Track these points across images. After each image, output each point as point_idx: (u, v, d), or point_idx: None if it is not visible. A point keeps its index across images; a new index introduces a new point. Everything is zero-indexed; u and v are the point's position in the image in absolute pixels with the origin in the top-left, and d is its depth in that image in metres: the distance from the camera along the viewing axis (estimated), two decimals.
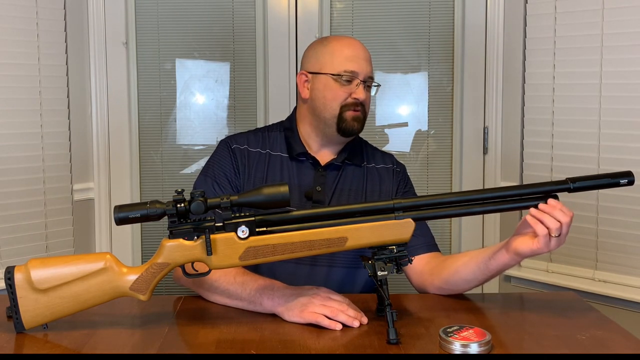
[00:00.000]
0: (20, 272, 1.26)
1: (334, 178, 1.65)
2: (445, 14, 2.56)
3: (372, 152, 1.76)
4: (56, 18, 2.37)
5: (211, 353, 1.19)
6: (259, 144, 1.67)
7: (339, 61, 1.60)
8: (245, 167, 1.63)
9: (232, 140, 1.67)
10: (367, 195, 1.67)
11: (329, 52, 1.63)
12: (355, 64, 1.60)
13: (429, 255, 1.59)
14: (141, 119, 2.60)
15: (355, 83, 1.60)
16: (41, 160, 2.32)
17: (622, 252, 2.15)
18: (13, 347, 1.23)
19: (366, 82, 1.62)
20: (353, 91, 1.60)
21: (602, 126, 2.16)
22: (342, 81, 1.59)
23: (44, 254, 2.32)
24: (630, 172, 1.29)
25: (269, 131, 1.71)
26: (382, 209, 1.29)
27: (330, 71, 1.61)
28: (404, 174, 1.75)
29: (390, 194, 1.69)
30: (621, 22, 2.10)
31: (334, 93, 1.60)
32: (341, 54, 1.61)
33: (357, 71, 1.60)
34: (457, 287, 1.50)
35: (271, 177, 1.63)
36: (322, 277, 1.60)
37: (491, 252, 1.41)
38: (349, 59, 1.60)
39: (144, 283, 1.27)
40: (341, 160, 1.67)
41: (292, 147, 1.65)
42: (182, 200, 1.24)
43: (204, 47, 2.61)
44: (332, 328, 1.28)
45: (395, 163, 1.75)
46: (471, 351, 1.16)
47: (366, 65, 1.62)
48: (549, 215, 1.27)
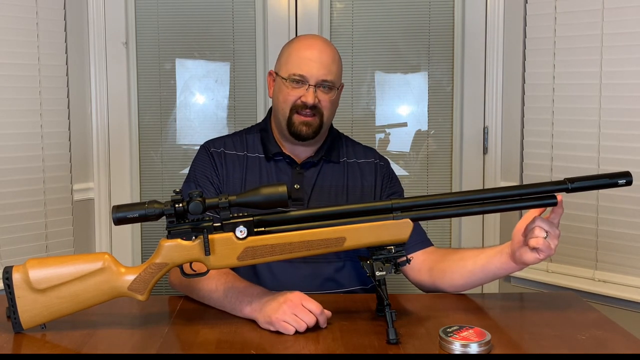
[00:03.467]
0: (18, 272, 1.26)
1: (312, 175, 1.66)
2: (445, 14, 2.56)
3: (353, 147, 1.76)
4: (56, 18, 2.37)
5: (211, 353, 1.19)
6: (236, 146, 1.69)
7: (291, 64, 1.61)
8: (223, 169, 1.65)
9: (209, 145, 1.69)
10: (348, 191, 1.67)
11: (287, 53, 1.65)
12: (305, 68, 1.59)
13: (424, 252, 1.59)
14: (141, 119, 2.60)
15: (305, 87, 1.59)
16: (41, 160, 2.32)
17: (622, 252, 2.14)
18: (11, 347, 1.23)
19: (321, 85, 1.60)
20: (303, 94, 1.59)
21: (602, 126, 2.16)
22: (292, 84, 1.60)
23: (44, 254, 2.32)
24: (628, 173, 1.29)
25: (247, 134, 1.73)
26: (380, 209, 1.29)
27: (282, 73, 1.63)
28: (388, 168, 1.75)
29: (372, 189, 1.69)
30: (621, 22, 2.10)
31: (284, 95, 1.62)
32: (296, 57, 1.62)
33: (306, 75, 1.59)
34: (454, 288, 1.53)
35: (250, 179, 1.64)
36: (318, 271, 1.60)
37: (493, 259, 1.44)
38: (301, 62, 1.60)
39: (142, 283, 1.27)
40: (318, 157, 1.67)
41: (267, 147, 1.67)
42: (180, 201, 1.24)
43: (204, 47, 2.61)
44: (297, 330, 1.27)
45: (378, 157, 1.75)
46: (471, 351, 1.16)
47: (319, 68, 1.59)
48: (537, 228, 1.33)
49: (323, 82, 1.60)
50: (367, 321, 1.35)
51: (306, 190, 1.65)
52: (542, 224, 1.33)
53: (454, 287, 1.52)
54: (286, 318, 1.26)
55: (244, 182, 1.64)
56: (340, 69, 1.67)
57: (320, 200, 1.64)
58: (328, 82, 1.61)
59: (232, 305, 1.38)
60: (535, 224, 1.33)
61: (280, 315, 1.27)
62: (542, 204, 1.31)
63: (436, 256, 1.57)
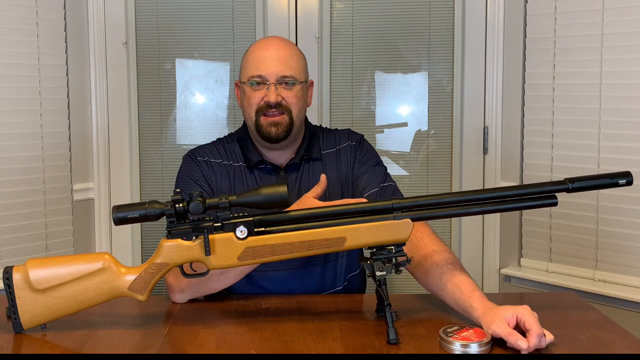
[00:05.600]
0: (18, 272, 1.26)
1: (294, 179, 1.64)
2: (445, 14, 2.56)
3: (327, 135, 1.73)
4: (56, 18, 2.37)
5: (211, 353, 1.19)
6: (221, 155, 1.67)
7: (249, 67, 1.60)
8: (211, 178, 1.63)
9: (194, 154, 1.67)
10: (329, 186, 1.59)
11: (245, 59, 1.64)
12: (263, 67, 1.58)
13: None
14: (141, 119, 2.59)
15: (265, 87, 1.58)
16: (41, 160, 2.32)
17: (622, 252, 2.14)
18: (12, 347, 1.23)
19: (282, 82, 1.58)
20: (265, 94, 1.58)
21: (602, 126, 2.16)
22: (253, 87, 1.59)
23: (44, 254, 2.32)
24: (628, 173, 1.29)
25: (227, 143, 1.70)
26: (381, 209, 1.29)
27: (243, 78, 1.62)
28: (359, 144, 1.70)
29: (349, 172, 1.66)
30: (621, 22, 2.10)
31: (247, 99, 1.61)
32: (253, 59, 1.61)
33: (264, 74, 1.58)
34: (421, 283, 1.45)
35: (238, 187, 1.62)
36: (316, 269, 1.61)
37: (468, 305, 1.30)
38: (257, 63, 1.59)
39: (142, 283, 1.27)
40: (299, 158, 1.65)
41: (248, 157, 1.65)
42: (180, 201, 1.24)
43: (204, 47, 2.61)
44: None
45: (351, 137, 1.72)
46: (471, 351, 1.16)
47: (276, 65, 1.58)
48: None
49: (283, 79, 1.58)
50: (367, 321, 1.35)
51: (291, 195, 1.60)
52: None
53: (422, 282, 1.44)
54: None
55: (231, 191, 1.61)
56: (302, 63, 1.64)
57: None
58: (288, 77, 1.59)
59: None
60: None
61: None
62: (542, 204, 1.31)
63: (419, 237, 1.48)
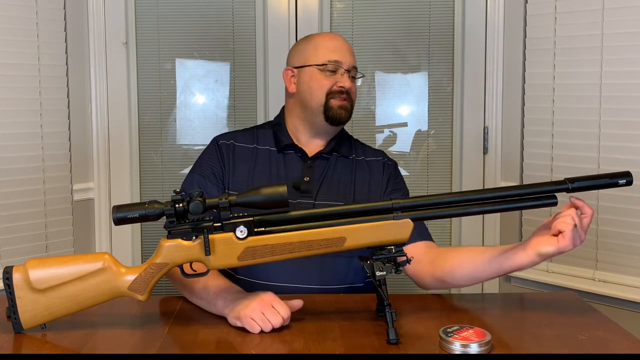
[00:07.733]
0: (18, 272, 1.26)
1: (322, 168, 1.69)
2: (445, 14, 2.56)
3: (362, 147, 1.80)
4: (56, 18, 2.37)
5: (211, 353, 1.19)
6: (246, 139, 1.72)
7: (322, 52, 1.68)
8: (230, 161, 1.67)
9: (219, 138, 1.73)
10: (356, 186, 1.68)
11: (312, 45, 1.71)
12: (339, 54, 1.68)
13: (425, 244, 1.57)
14: (141, 119, 2.59)
15: (340, 72, 1.66)
16: (41, 160, 2.32)
17: (622, 252, 2.14)
18: (12, 347, 1.23)
19: (350, 73, 1.68)
20: (338, 80, 1.66)
21: (602, 126, 2.16)
22: (326, 71, 1.66)
23: (44, 254, 2.32)
24: (628, 173, 1.29)
25: (258, 129, 1.77)
26: (381, 209, 1.29)
27: (314, 62, 1.67)
28: (396, 169, 1.77)
29: (380, 185, 1.70)
30: (621, 22, 2.10)
31: (319, 83, 1.66)
32: (325, 46, 1.69)
33: (341, 60, 1.67)
34: (458, 281, 1.47)
35: (259, 169, 1.66)
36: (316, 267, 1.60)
37: (502, 251, 1.38)
38: (332, 49, 1.68)
39: (142, 283, 1.27)
40: (329, 151, 1.70)
41: (280, 139, 1.70)
42: (180, 201, 1.24)
43: (204, 47, 2.61)
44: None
45: (387, 158, 1.78)
46: (471, 351, 1.16)
47: (349, 56, 1.69)
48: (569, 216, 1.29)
49: (354, 68, 1.69)
50: (367, 321, 1.35)
51: (315, 182, 1.66)
52: (575, 217, 1.29)
53: (455, 278, 1.46)
54: (254, 316, 1.28)
55: (252, 173, 1.65)
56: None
57: (328, 193, 1.65)
58: (356, 69, 1.71)
59: (209, 299, 1.39)
60: (567, 213, 1.30)
61: (248, 312, 1.28)
62: (542, 204, 1.30)
63: (439, 251, 1.54)
